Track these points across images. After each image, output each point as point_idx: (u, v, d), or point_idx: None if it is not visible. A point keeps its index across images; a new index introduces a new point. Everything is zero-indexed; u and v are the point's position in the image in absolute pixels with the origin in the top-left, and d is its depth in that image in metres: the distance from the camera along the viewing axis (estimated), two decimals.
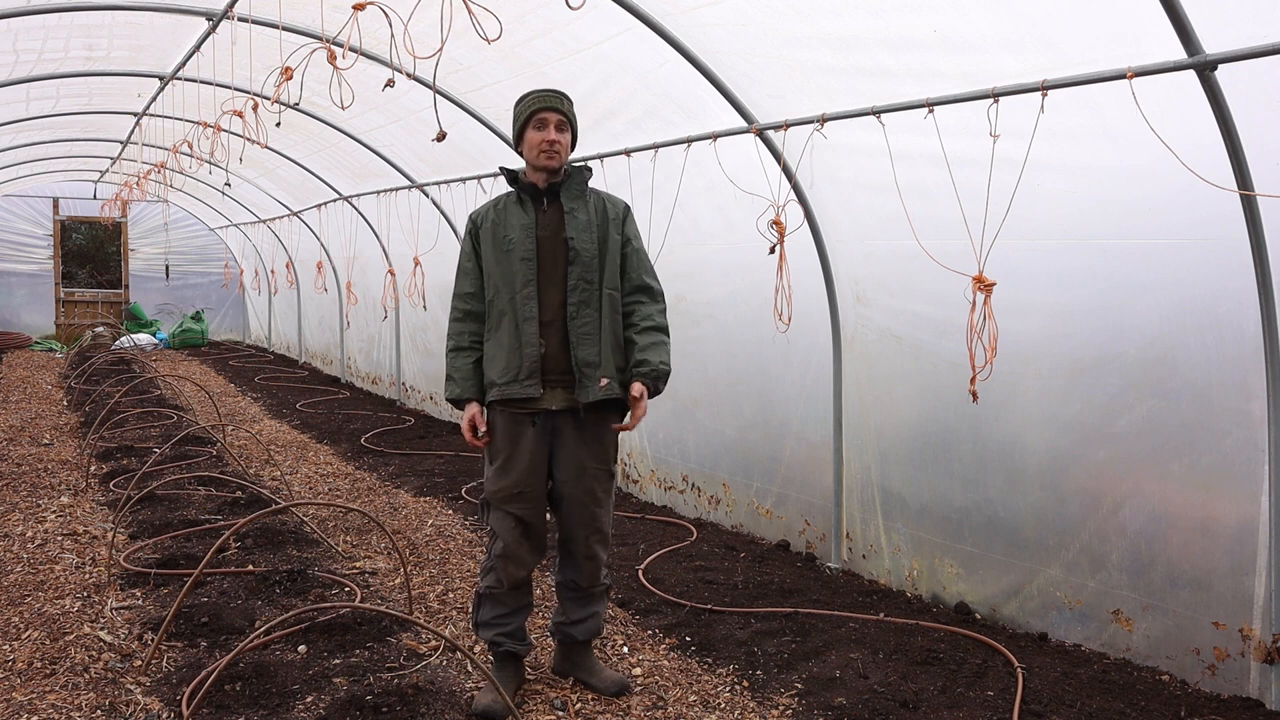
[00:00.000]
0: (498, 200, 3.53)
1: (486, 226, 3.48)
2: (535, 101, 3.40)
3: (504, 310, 3.41)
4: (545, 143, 3.37)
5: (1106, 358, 3.85)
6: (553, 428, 3.43)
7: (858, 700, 3.52)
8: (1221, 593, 3.55)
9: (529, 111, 3.39)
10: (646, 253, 3.61)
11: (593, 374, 3.39)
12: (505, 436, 3.42)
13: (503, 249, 3.42)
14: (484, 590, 3.50)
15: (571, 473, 3.44)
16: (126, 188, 12.65)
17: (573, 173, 3.50)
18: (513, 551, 3.41)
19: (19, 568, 4.91)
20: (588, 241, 3.42)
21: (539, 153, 3.39)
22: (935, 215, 4.13)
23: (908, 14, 3.81)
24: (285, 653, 3.85)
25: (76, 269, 19.02)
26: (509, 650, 3.52)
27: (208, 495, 6.27)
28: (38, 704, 3.42)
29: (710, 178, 5.29)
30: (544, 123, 3.38)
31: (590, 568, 3.54)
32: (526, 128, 3.41)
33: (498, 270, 3.43)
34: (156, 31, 6.70)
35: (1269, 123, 3.22)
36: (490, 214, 3.50)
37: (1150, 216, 3.67)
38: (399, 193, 9.44)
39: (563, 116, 3.41)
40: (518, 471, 3.40)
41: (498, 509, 3.43)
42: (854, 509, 5.04)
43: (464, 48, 5.46)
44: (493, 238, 3.45)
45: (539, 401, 3.40)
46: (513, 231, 3.42)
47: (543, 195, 3.46)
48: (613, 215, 3.52)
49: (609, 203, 3.54)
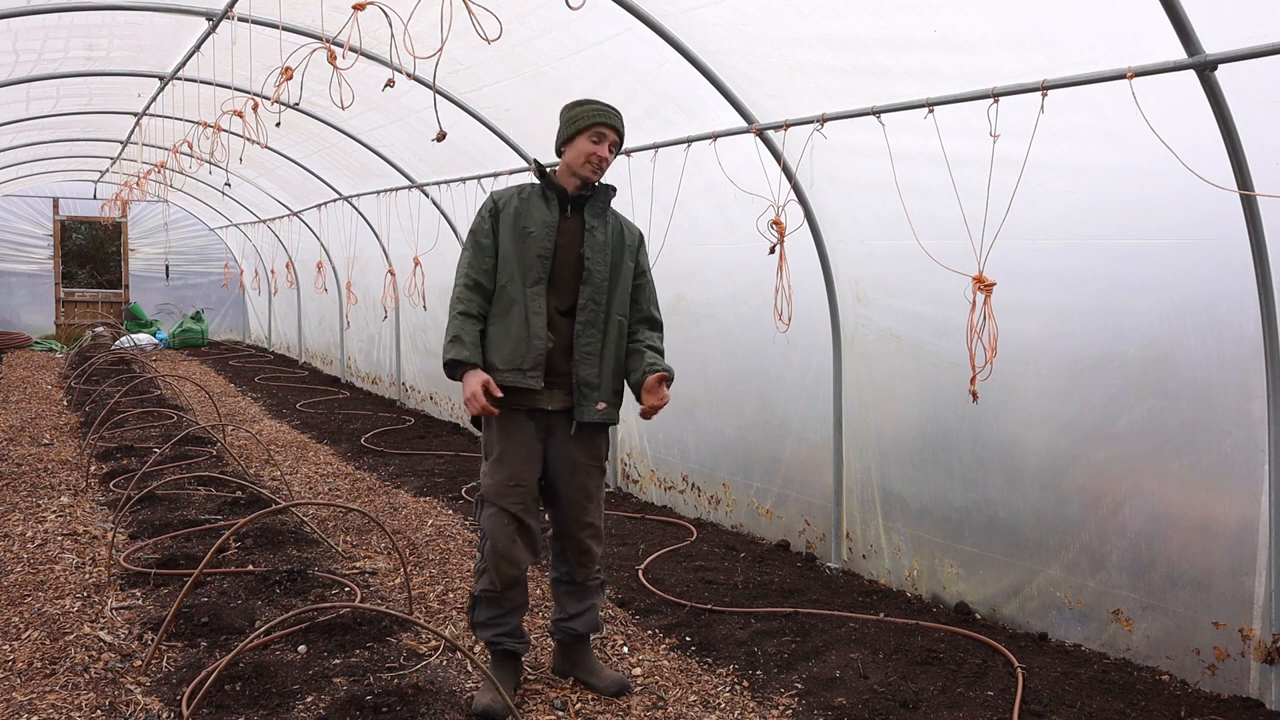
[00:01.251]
0: (522, 189, 3.52)
1: (509, 211, 3.46)
2: (599, 114, 3.41)
3: (515, 298, 3.40)
4: (597, 157, 3.40)
5: (1106, 358, 3.85)
6: (547, 425, 3.46)
7: (858, 700, 3.52)
8: (1221, 593, 3.55)
9: (591, 121, 3.39)
10: (654, 285, 3.67)
11: (591, 395, 3.44)
12: (501, 429, 3.43)
13: (522, 238, 3.42)
14: (479, 592, 3.50)
15: (565, 469, 3.48)
16: (126, 188, 12.65)
17: (601, 190, 3.52)
18: (504, 550, 3.40)
19: (19, 568, 4.91)
20: (601, 264, 3.45)
21: (585, 162, 3.40)
22: (935, 215, 4.13)
23: (908, 14, 3.81)
24: (285, 653, 3.85)
25: (76, 269, 19.02)
26: (507, 649, 3.52)
27: (208, 495, 6.27)
28: (38, 704, 3.42)
29: (710, 178, 5.29)
30: (601, 137, 3.41)
31: (584, 562, 3.56)
32: (581, 135, 3.41)
33: (514, 257, 3.42)
34: (156, 31, 6.70)
35: (1269, 123, 3.22)
36: (514, 200, 3.48)
37: (1150, 216, 3.67)
38: (399, 193, 9.44)
39: (617, 137, 3.45)
40: (514, 463, 3.41)
41: (491, 504, 3.43)
42: (854, 509, 5.04)
43: (464, 48, 5.46)
44: (513, 224, 3.44)
45: (536, 398, 3.41)
46: (534, 225, 3.42)
47: (568, 201, 3.47)
48: (629, 241, 3.56)
49: (626, 229, 3.58)
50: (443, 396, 9.80)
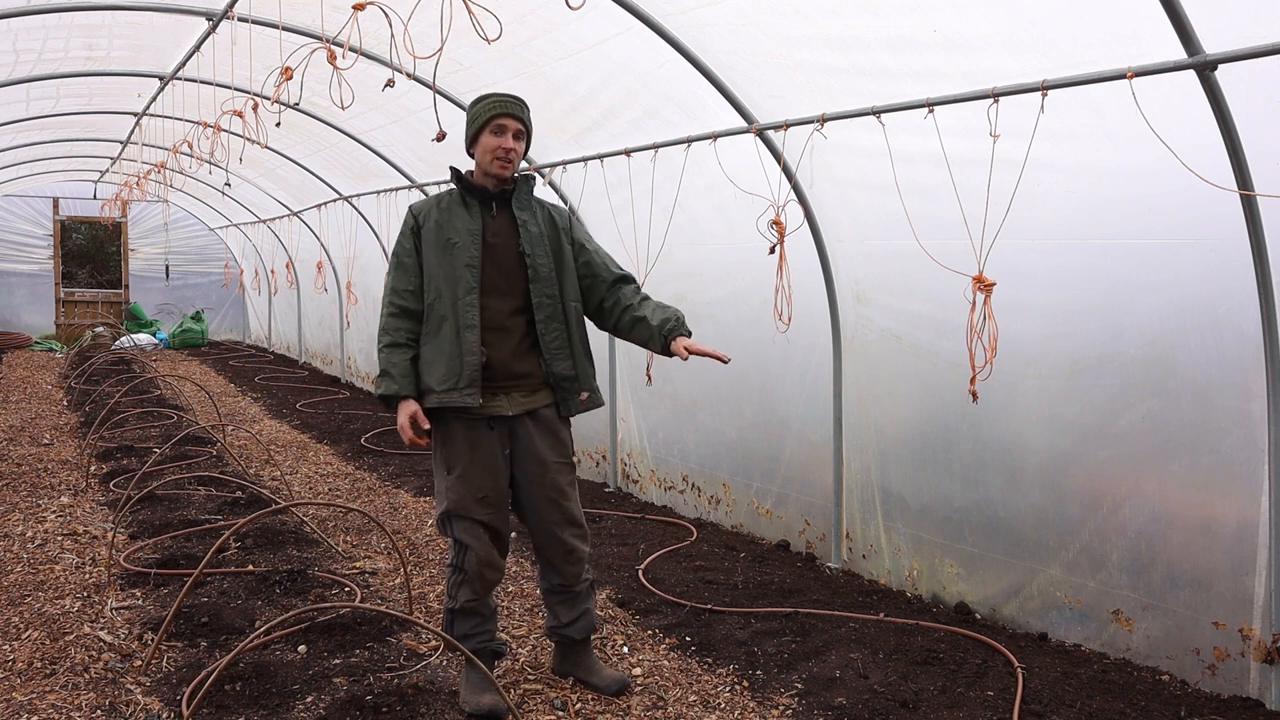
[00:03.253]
0: (440, 198, 3.44)
1: (430, 225, 3.37)
2: (495, 106, 3.33)
3: (444, 315, 3.31)
4: (501, 149, 3.31)
5: (1106, 358, 3.85)
6: (509, 430, 3.39)
7: (858, 700, 3.52)
8: (1221, 593, 3.55)
9: (488, 116, 3.32)
10: (603, 249, 3.60)
11: (571, 388, 3.43)
12: (463, 443, 3.34)
13: (446, 251, 3.33)
14: (460, 606, 3.40)
15: (535, 470, 3.41)
16: (126, 188, 12.65)
17: (521, 182, 3.46)
18: (486, 557, 3.36)
19: (19, 568, 4.92)
20: (544, 257, 3.40)
21: (493, 159, 3.33)
22: (935, 215, 4.13)
23: (908, 14, 3.81)
24: (285, 653, 3.85)
25: (76, 269, 19.02)
26: (494, 650, 3.55)
27: (208, 495, 6.27)
28: (38, 704, 3.42)
29: (710, 178, 5.29)
30: (502, 129, 3.32)
31: (572, 561, 3.49)
32: (483, 131, 3.34)
33: (440, 272, 3.33)
34: (156, 31, 6.70)
35: (1269, 123, 3.22)
36: (434, 212, 3.39)
37: (1150, 216, 3.67)
38: (399, 193, 9.44)
39: (521, 125, 3.36)
40: (479, 476, 3.34)
41: (463, 519, 3.35)
42: (854, 509, 5.04)
43: (464, 48, 5.46)
44: (436, 238, 3.35)
45: (494, 405, 3.35)
46: (457, 235, 3.33)
47: (492, 200, 3.41)
48: (561, 225, 3.50)
49: (555, 213, 3.51)
50: None
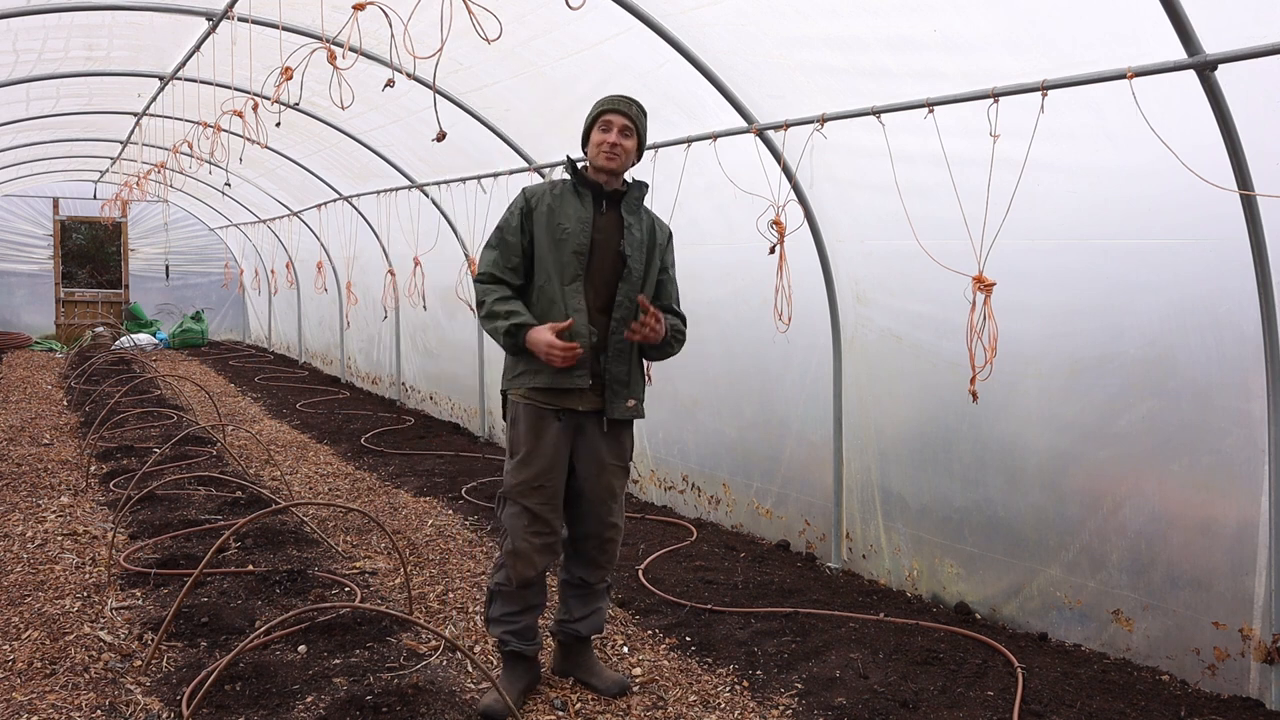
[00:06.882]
0: (554, 184, 3.52)
1: (542, 209, 3.44)
2: (604, 104, 3.48)
3: (554, 298, 3.39)
4: (607, 144, 3.42)
5: (1106, 357, 3.85)
6: (576, 425, 3.45)
7: (858, 700, 3.52)
8: (1221, 593, 3.55)
9: (597, 112, 3.47)
10: (677, 282, 3.69)
11: (621, 391, 3.45)
12: (530, 430, 3.42)
13: (557, 237, 3.41)
14: (494, 586, 3.51)
15: (593, 469, 3.47)
16: (126, 188, 12.65)
17: (634, 186, 3.54)
18: (521, 549, 3.40)
19: (19, 568, 4.91)
20: (639, 262, 3.47)
21: (599, 151, 3.43)
22: (935, 215, 4.13)
23: (908, 14, 3.81)
24: (285, 653, 3.85)
25: (76, 269, 19.01)
26: (515, 650, 3.51)
27: (208, 495, 6.27)
28: (38, 704, 3.42)
29: (710, 178, 5.29)
30: (609, 125, 3.43)
31: (603, 563, 3.57)
32: (593, 127, 3.47)
33: (551, 257, 3.41)
34: (156, 31, 6.70)
35: (1269, 123, 3.22)
36: (547, 197, 3.47)
37: (1150, 216, 3.67)
38: (399, 193, 9.44)
39: (628, 122, 3.46)
40: (539, 465, 3.41)
41: (514, 503, 3.43)
42: (854, 509, 5.04)
43: (464, 48, 5.46)
44: (548, 222, 3.43)
45: (567, 398, 3.40)
46: (568, 222, 3.41)
47: (603, 197, 3.48)
48: (659, 239, 3.59)
49: (658, 226, 3.61)
50: (443, 396, 9.81)
